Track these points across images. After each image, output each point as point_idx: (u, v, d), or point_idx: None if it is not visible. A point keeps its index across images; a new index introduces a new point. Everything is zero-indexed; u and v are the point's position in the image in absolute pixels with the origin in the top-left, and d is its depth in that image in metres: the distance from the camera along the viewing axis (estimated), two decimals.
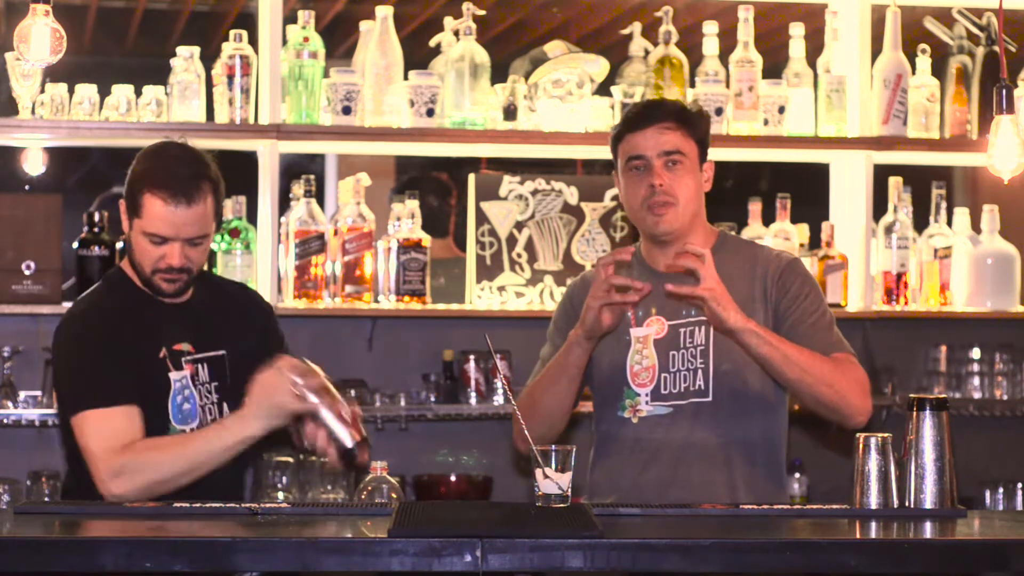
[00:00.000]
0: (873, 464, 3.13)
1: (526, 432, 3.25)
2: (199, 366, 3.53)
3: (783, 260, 3.65)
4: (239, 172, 4.68)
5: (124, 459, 3.34)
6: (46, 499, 4.60)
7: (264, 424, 3.34)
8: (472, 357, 4.90)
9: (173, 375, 3.49)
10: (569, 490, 3.11)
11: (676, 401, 3.56)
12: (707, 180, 3.68)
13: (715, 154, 5.09)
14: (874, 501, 3.13)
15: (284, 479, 4.68)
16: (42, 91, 4.65)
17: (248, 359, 3.52)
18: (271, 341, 3.66)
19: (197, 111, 4.70)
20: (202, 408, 3.52)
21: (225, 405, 3.54)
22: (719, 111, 4.89)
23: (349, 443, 3.33)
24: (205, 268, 3.67)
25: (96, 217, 4.71)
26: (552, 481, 3.10)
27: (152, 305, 3.54)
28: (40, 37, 3.16)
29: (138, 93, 4.72)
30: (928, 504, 3.14)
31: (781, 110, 4.96)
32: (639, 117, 3.63)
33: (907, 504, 3.15)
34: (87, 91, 4.68)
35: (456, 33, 4.83)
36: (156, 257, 3.47)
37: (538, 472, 3.11)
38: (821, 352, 3.51)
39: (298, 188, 4.76)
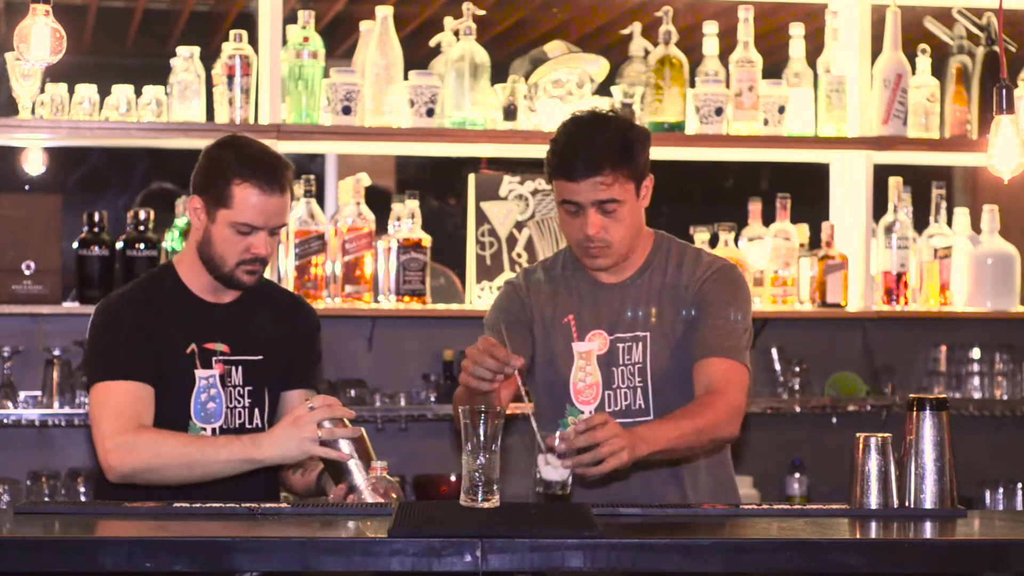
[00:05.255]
0: (873, 464, 3.13)
1: (534, 428, 3.22)
2: (233, 368, 3.51)
3: (714, 267, 3.56)
4: None
5: (128, 436, 3.35)
6: (46, 499, 4.60)
7: (277, 453, 3.31)
8: None
9: (199, 372, 3.48)
10: (570, 478, 3.12)
11: (619, 419, 3.44)
12: (645, 196, 3.53)
13: (715, 154, 5.15)
14: (874, 501, 3.13)
15: None
16: (42, 91, 4.65)
17: (287, 369, 3.53)
18: (311, 357, 3.65)
19: (197, 111, 4.70)
20: (231, 410, 3.50)
21: (256, 411, 3.53)
22: (719, 111, 4.89)
23: (369, 500, 3.27)
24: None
25: (96, 217, 4.71)
26: (553, 467, 3.10)
27: (190, 301, 3.54)
28: (40, 37, 3.16)
29: (138, 93, 4.72)
30: (928, 504, 3.14)
31: (781, 110, 4.96)
32: (573, 168, 3.43)
33: (907, 504, 3.15)
34: (87, 91, 4.68)
35: (456, 33, 4.83)
36: (242, 248, 3.47)
37: (540, 458, 3.11)
38: (709, 353, 3.45)
39: (298, 188, 4.76)
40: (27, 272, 4.62)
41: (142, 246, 4.68)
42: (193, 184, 3.52)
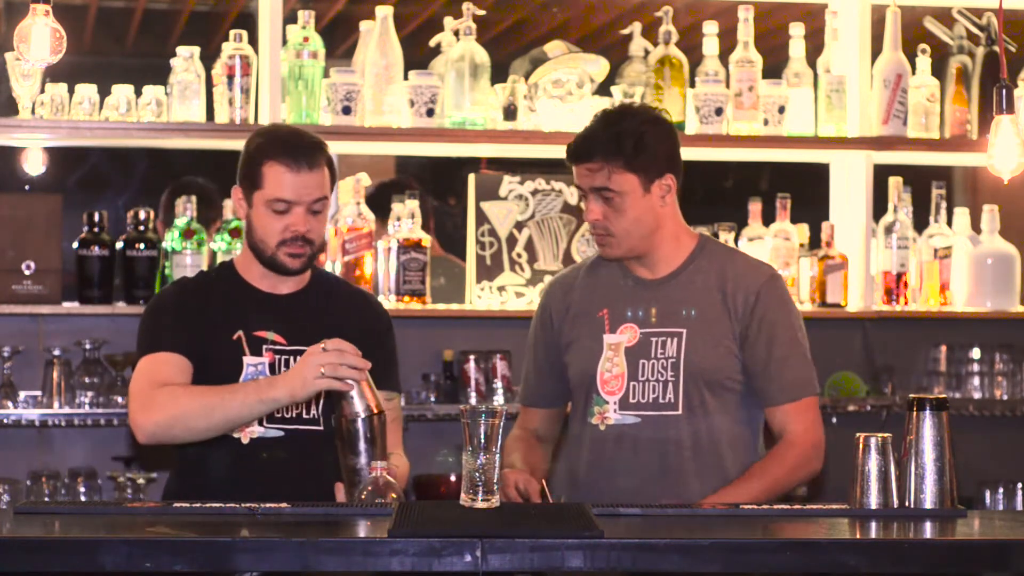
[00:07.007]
0: (873, 464, 3.13)
1: None
2: (289, 358, 3.51)
3: (759, 279, 3.58)
4: None
5: (152, 394, 3.38)
6: (46, 499, 4.60)
7: (287, 392, 3.30)
8: (472, 357, 4.90)
9: (248, 359, 3.50)
10: None
11: (645, 411, 3.53)
12: (666, 195, 3.56)
13: (715, 154, 5.14)
14: (874, 501, 3.13)
15: None
16: (42, 91, 4.65)
17: None
18: (383, 355, 3.60)
19: (197, 111, 4.70)
20: None
21: (313, 402, 3.52)
22: (719, 111, 4.89)
23: (362, 413, 3.26)
24: (328, 270, 3.65)
25: (96, 217, 4.71)
26: None
27: (242, 290, 3.57)
28: (40, 37, 3.16)
29: (138, 93, 4.72)
30: (928, 504, 3.14)
31: (781, 110, 4.96)
32: (572, 152, 3.58)
33: (907, 504, 3.15)
34: (87, 91, 4.68)
35: (456, 33, 4.83)
36: (281, 227, 3.50)
37: None
38: (781, 399, 3.53)
39: None
40: (27, 272, 4.62)
41: (142, 246, 4.68)
42: (237, 177, 3.59)
